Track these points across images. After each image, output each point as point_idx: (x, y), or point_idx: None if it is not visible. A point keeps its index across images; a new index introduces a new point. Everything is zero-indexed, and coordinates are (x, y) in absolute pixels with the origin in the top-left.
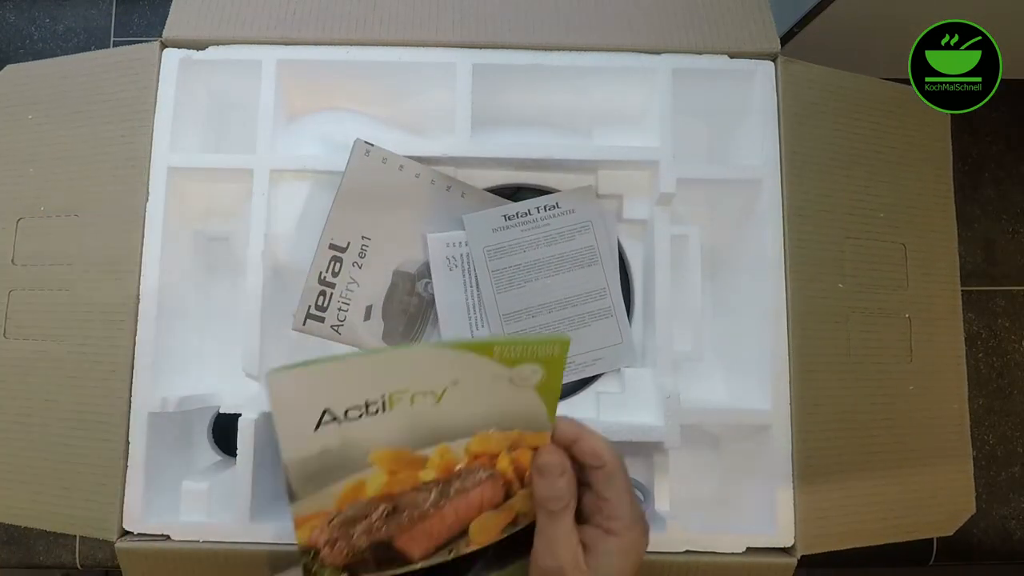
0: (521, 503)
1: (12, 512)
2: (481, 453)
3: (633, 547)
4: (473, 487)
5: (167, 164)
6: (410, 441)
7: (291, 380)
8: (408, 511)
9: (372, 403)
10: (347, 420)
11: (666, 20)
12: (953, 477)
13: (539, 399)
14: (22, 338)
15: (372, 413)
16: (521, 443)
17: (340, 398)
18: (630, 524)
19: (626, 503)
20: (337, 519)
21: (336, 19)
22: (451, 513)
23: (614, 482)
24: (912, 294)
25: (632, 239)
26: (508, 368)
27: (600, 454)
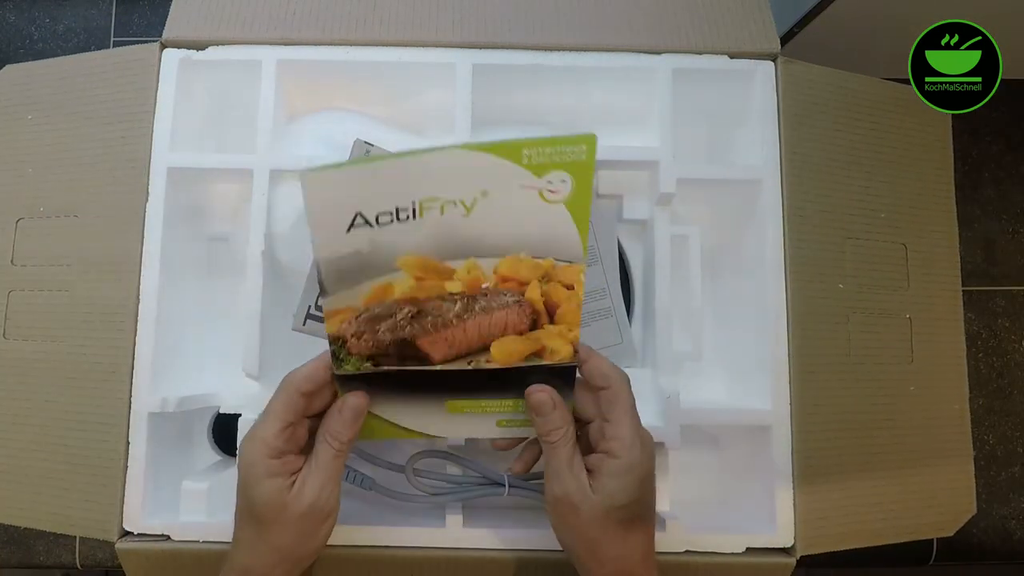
0: (549, 338)
1: (12, 512)
2: (510, 277)
3: (634, 467)
4: (499, 308)
5: (167, 164)
6: (438, 252)
7: (325, 180)
8: (432, 317)
9: (403, 209)
10: (378, 225)
11: (666, 20)
12: (954, 478)
13: (569, 217)
14: (21, 339)
15: (403, 220)
16: (553, 276)
17: (372, 202)
18: (629, 445)
19: (626, 424)
20: (364, 315)
21: (336, 19)
22: (473, 328)
23: (617, 403)
24: (913, 294)
25: (632, 239)
26: (537, 178)
27: (607, 374)
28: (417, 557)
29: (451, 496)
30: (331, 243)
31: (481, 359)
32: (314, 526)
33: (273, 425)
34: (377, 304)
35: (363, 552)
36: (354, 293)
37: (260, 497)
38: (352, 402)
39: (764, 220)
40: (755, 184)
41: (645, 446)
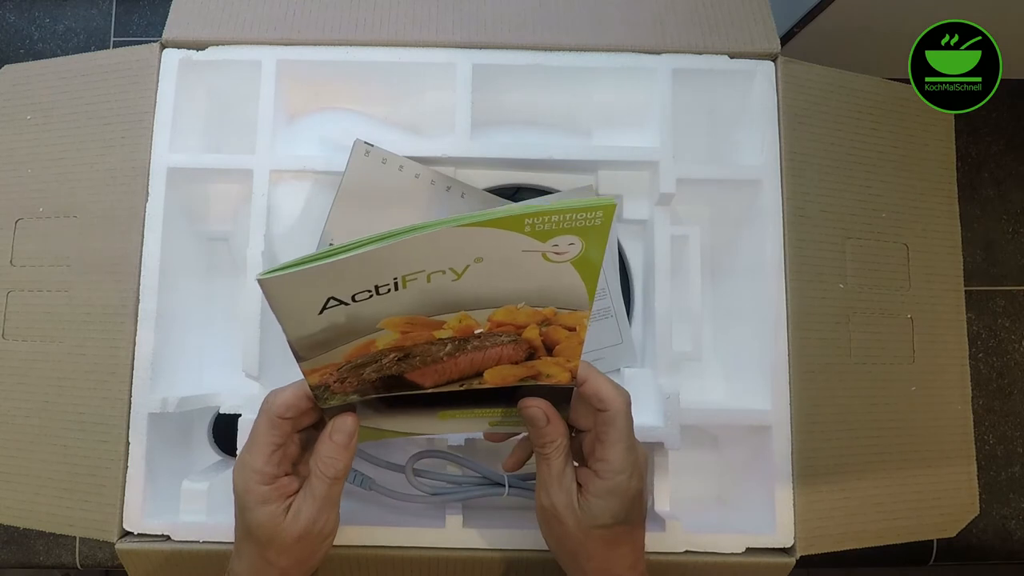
0: (546, 366)
1: (12, 513)
2: (506, 322)
3: (620, 490)
4: (493, 346)
5: (167, 165)
6: (425, 311)
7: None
8: (420, 357)
9: (383, 286)
10: (355, 303)
11: (666, 20)
12: (956, 478)
13: (577, 274)
14: (21, 339)
15: (383, 294)
16: (554, 321)
17: (345, 287)
18: (618, 469)
19: (619, 449)
20: (347, 367)
21: (336, 19)
22: (466, 362)
23: (612, 427)
24: (914, 294)
25: (632, 239)
26: (541, 242)
27: (603, 398)
28: (417, 557)
29: (451, 496)
30: (302, 326)
31: (474, 382)
32: (311, 548)
33: (261, 452)
34: (360, 356)
35: (363, 552)
36: (333, 355)
37: (255, 521)
38: (342, 426)
39: (764, 220)
40: (755, 184)
41: (635, 470)
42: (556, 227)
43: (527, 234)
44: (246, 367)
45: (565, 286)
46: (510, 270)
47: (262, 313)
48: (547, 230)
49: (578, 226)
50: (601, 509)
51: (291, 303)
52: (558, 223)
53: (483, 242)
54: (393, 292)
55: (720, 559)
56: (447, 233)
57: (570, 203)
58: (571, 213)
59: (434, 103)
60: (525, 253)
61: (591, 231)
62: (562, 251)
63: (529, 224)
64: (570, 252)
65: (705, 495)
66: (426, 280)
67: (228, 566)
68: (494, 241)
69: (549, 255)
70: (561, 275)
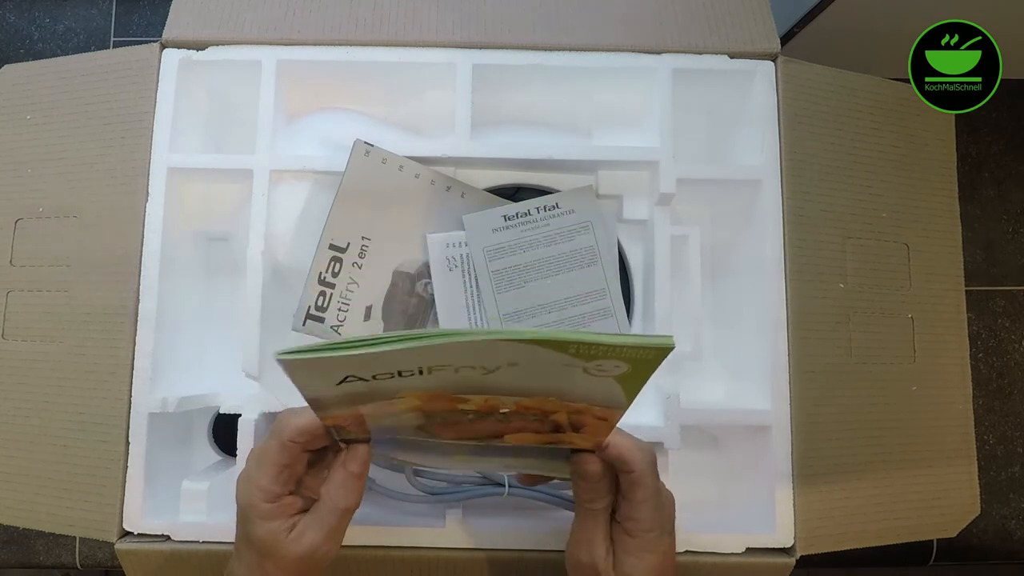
0: (571, 439)
1: (11, 513)
2: (533, 407)
3: (650, 546)
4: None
5: (167, 165)
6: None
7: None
8: (442, 419)
9: (406, 372)
10: (376, 380)
11: (666, 20)
12: (957, 478)
13: (618, 386)
14: (20, 339)
15: (406, 376)
16: (586, 412)
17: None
18: (647, 527)
19: (648, 508)
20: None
21: (336, 19)
22: (487, 429)
23: (638, 488)
24: (915, 294)
25: (632, 239)
26: (585, 361)
27: (627, 460)
28: (417, 557)
29: (451, 496)
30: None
31: (494, 442)
32: (309, 569)
33: (267, 472)
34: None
35: (363, 552)
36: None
37: (256, 534)
38: (357, 456)
39: (764, 220)
40: (755, 184)
41: (665, 525)
42: (603, 354)
43: (571, 355)
44: (246, 367)
45: (604, 393)
46: (546, 375)
47: (262, 313)
48: (592, 354)
49: (625, 356)
50: (633, 567)
51: (308, 379)
52: (606, 352)
53: (521, 354)
54: (417, 376)
55: (720, 559)
56: (484, 345)
57: (623, 339)
58: (620, 349)
59: (434, 103)
60: (566, 367)
61: (641, 362)
62: (606, 370)
63: (574, 348)
64: (614, 372)
65: (705, 495)
66: (454, 371)
67: (228, 567)
68: (532, 355)
69: (591, 371)
70: (601, 385)
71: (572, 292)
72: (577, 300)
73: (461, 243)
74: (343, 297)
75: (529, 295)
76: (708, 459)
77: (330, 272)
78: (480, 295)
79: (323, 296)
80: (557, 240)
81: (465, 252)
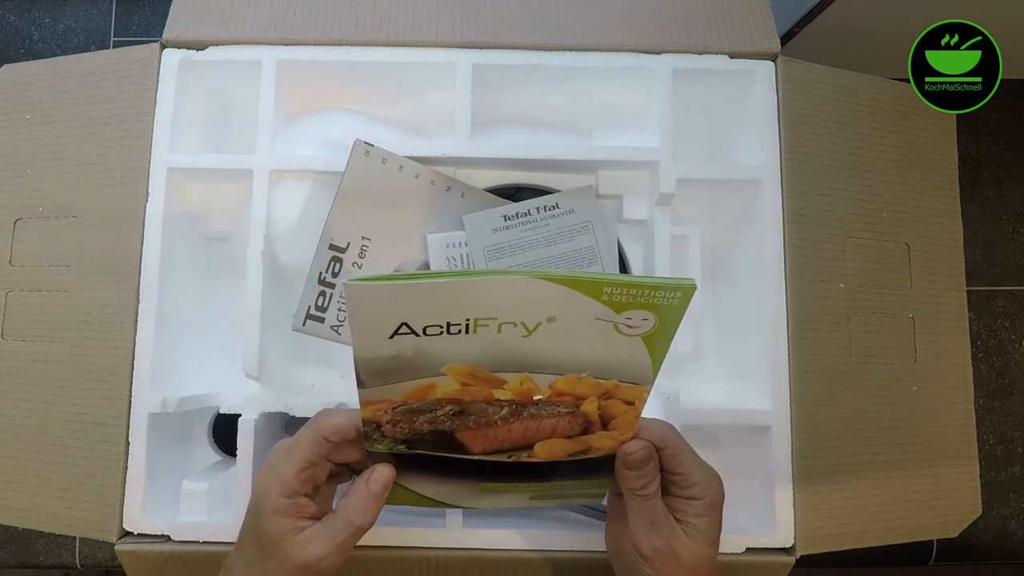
0: (598, 440)
1: (11, 513)
2: (567, 392)
3: (717, 500)
4: (549, 416)
5: (167, 165)
6: (490, 364)
7: (369, 292)
8: (475, 416)
9: (454, 324)
10: (425, 336)
11: (666, 20)
12: (958, 478)
13: (645, 350)
14: (20, 339)
15: (453, 334)
16: (615, 394)
17: (419, 315)
18: (708, 482)
19: (697, 468)
20: (402, 408)
21: (336, 19)
22: (519, 430)
23: (680, 456)
24: (916, 294)
25: (632, 239)
26: (616, 313)
27: (663, 436)
28: (417, 557)
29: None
30: (371, 346)
31: (522, 454)
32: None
33: (294, 465)
34: (417, 400)
35: (364, 552)
36: (393, 389)
37: (263, 528)
38: (379, 475)
39: (764, 220)
40: (755, 184)
41: (717, 478)
42: (632, 301)
43: (603, 302)
44: (246, 367)
45: (632, 360)
46: (580, 336)
47: (262, 313)
48: (623, 302)
49: (655, 303)
50: (708, 526)
51: (369, 316)
52: (635, 296)
53: (559, 301)
54: (463, 335)
55: (720, 559)
56: (525, 283)
57: (652, 280)
58: (650, 289)
59: (434, 103)
60: (598, 322)
61: (667, 309)
62: (635, 325)
63: (607, 293)
64: (642, 327)
65: None
66: (497, 330)
67: (227, 559)
68: (570, 302)
69: (621, 327)
70: (630, 348)
71: None
72: None
73: (461, 243)
74: (343, 297)
75: None
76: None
77: (330, 272)
78: None
79: (323, 296)
80: (557, 240)
81: (465, 252)
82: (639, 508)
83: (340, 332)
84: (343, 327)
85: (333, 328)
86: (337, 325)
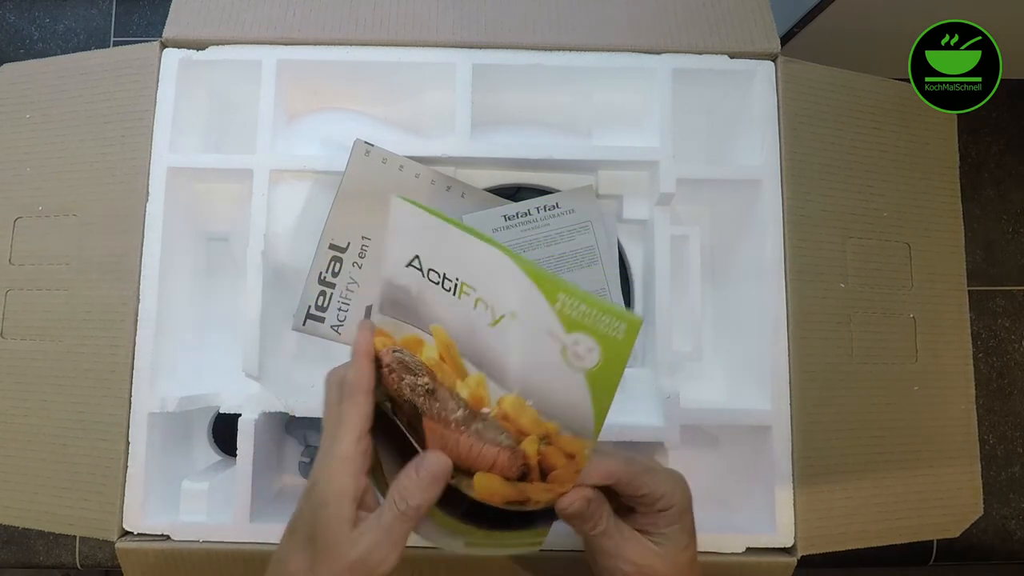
0: (537, 493)
1: (11, 513)
2: (511, 418)
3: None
4: (491, 444)
5: (167, 164)
6: (461, 344)
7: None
8: (440, 404)
9: (448, 279)
10: (426, 278)
11: (666, 20)
12: (959, 478)
13: (588, 393)
14: (19, 338)
15: (446, 288)
16: (555, 441)
17: (429, 254)
18: (672, 491)
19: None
20: (398, 354)
21: (336, 19)
22: (466, 444)
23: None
24: (917, 294)
25: (632, 239)
26: (566, 332)
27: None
28: (417, 557)
29: None
30: (394, 267)
31: (463, 482)
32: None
33: (348, 434)
34: (408, 353)
35: None
36: (397, 327)
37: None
38: (432, 462)
39: (764, 220)
40: (755, 184)
41: (681, 481)
42: (581, 319)
43: (556, 311)
44: (246, 367)
45: (574, 401)
46: (533, 348)
47: (262, 313)
48: (573, 317)
49: (600, 330)
50: (679, 532)
51: (400, 236)
52: (584, 315)
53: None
54: (451, 295)
55: (720, 559)
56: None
57: (602, 302)
58: (598, 311)
59: (434, 103)
60: (549, 338)
61: (611, 342)
62: (580, 354)
63: (561, 300)
64: (587, 359)
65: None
66: (473, 304)
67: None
68: (530, 300)
69: (568, 352)
70: (573, 385)
71: None
72: None
73: None
74: (343, 297)
75: None
76: (708, 459)
77: (330, 272)
78: None
79: (323, 296)
80: (557, 240)
81: None
82: (598, 544)
83: (340, 332)
84: (343, 327)
85: (333, 328)
86: (337, 325)
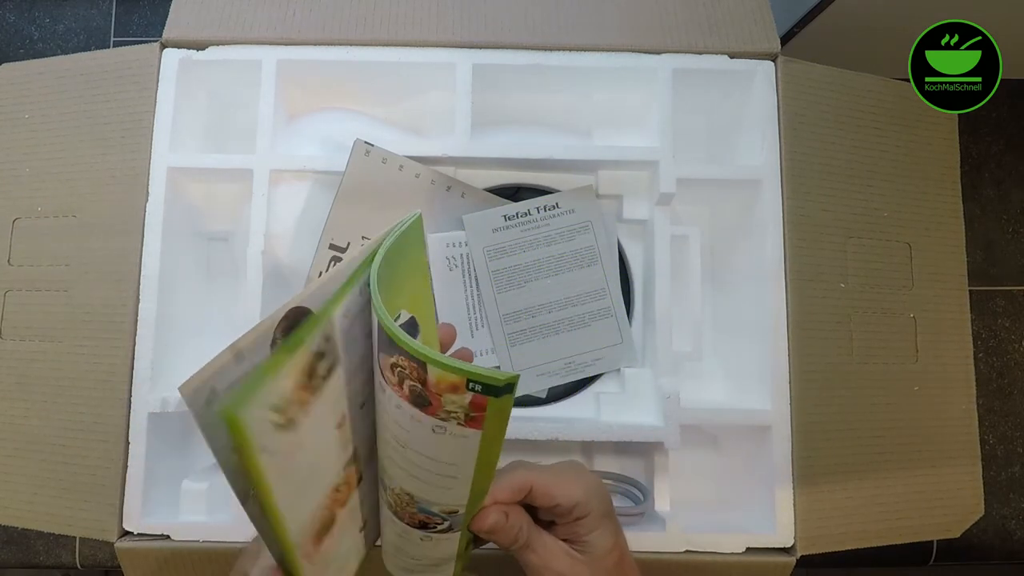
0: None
1: (11, 513)
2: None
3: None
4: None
5: (167, 164)
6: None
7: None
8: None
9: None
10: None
11: (666, 20)
12: (960, 478)
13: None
14: (19, 339)
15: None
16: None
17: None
18: (587, 497)
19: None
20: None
21: (336, 19)
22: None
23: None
24: (917, 293)
25: (632, 239)
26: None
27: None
28: None
29: None
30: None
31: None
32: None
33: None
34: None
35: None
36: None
37: None
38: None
39: (764, 220)
40: (755, 184)
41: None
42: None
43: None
44: None
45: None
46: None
47: (262, 313)
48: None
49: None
50: (603, 536)
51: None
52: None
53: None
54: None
55: (720, 559)
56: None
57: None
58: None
59: (434, 103)
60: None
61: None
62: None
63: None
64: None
65: (705, 495)
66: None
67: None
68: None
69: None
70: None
71: (572, 292)
72: (577, 300)
73: (461, 243)
74: None
75: (529, 295)
76: (708, 459)
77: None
78: (480, 295)
79: None
80: (557, 240)
81: (465, 252)
82: (525, 560)
83: None
84: None
85: None
86: None
